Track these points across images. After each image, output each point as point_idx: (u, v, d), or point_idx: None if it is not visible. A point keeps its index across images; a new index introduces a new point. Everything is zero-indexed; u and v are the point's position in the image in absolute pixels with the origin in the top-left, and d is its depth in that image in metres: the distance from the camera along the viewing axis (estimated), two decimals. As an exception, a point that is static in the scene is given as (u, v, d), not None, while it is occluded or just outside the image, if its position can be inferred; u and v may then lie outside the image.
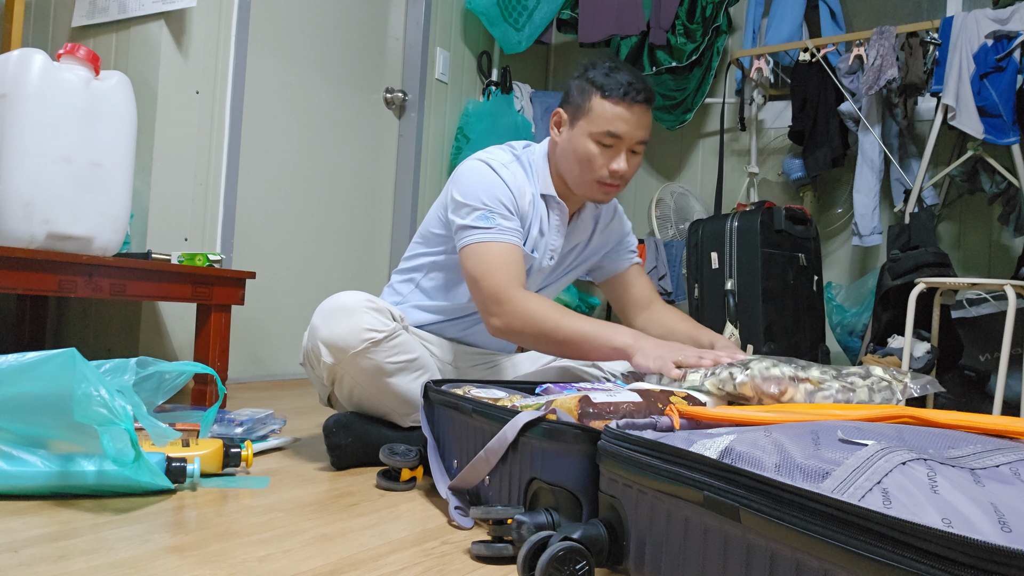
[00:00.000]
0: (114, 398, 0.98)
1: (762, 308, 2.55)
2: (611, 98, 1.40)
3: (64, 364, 0.99)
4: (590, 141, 1.43)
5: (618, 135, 1.41)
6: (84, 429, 1.01)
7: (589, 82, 1.43)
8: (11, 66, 1.62)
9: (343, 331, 1.30)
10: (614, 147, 1.43)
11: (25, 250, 1.59)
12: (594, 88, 1.41)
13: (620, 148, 1.43)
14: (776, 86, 3.44)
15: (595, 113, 1.41)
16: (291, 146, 2.85)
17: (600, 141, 1.42)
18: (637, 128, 1.42)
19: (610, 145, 1.42)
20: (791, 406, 1.02)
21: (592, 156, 1.43)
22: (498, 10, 3.39)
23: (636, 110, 1.41)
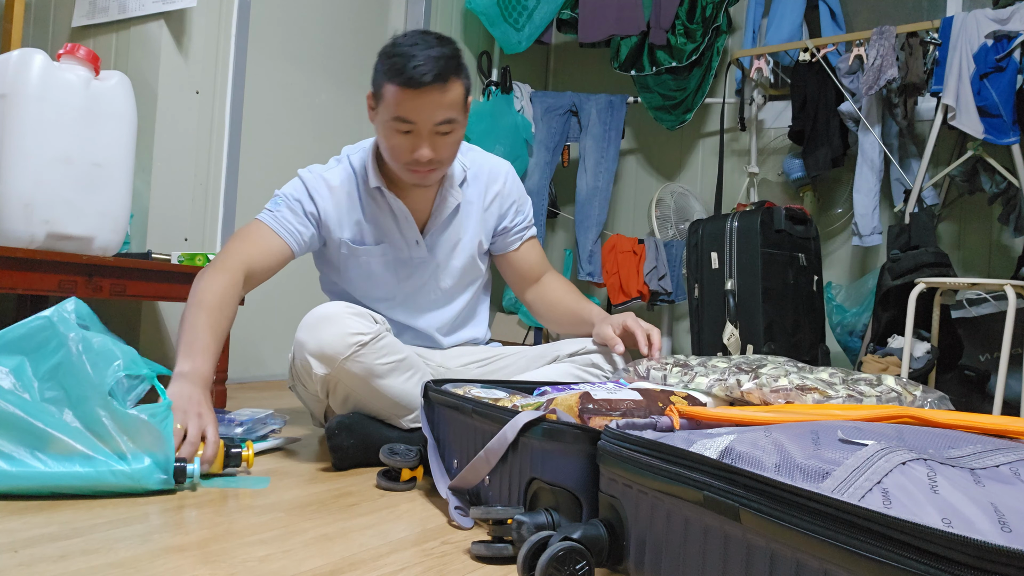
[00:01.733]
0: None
1: (762, 308, 2.55)
2: (397, 83, 1.32)
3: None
4: (390, 128, 1.38)
5: (410, 120, 1.35)
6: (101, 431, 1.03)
7: (382, 63, 1.36)
8: (11, 66, 1.62)
9: (330, 339, 1.31)
10: (413, 132, 1.36)
11: (25, 250, 1.59)
12: (384, 71, 1.35)
13: (419, 133, 1.36)
14: (776, 86, 3.44)
15: (386, 99, 1.35)
16: (291, 146, 2.85)
17: (396, 128, 1.37)
18: (431, 112, 1.34)
19: (407, 131, 1.37)
20: (792, 406, 1.02)
21: (394, 144, 1.39)
22: (498, 10, 3.39)
23: (426, 93, 1.32)
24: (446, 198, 1.55)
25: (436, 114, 1.35)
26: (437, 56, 1.32)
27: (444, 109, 1.35)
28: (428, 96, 1.32)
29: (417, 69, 1.30)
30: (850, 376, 1.14)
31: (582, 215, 3.50)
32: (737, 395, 1.13)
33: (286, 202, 1.50)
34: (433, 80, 1.31)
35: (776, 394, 1.07)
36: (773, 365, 1.18)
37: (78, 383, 1.06)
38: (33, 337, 1.10)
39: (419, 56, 1.31)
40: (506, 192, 1.63)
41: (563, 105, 3.57)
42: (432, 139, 1.37)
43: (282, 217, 1.48)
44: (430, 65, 1.30)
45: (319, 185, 1.52)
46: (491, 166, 1.63)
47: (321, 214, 1.51)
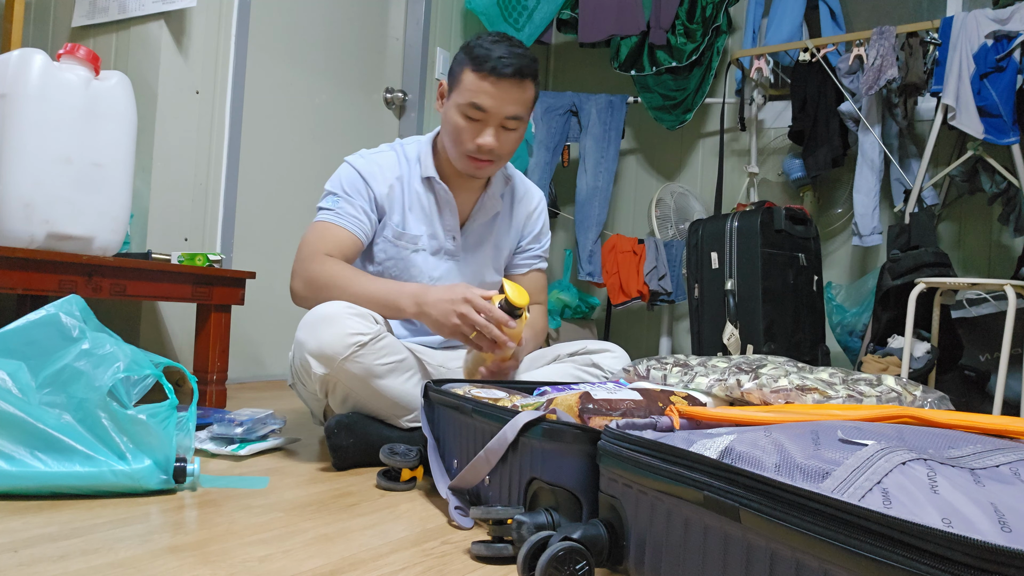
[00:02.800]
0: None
1: (762, 308, 2.55)
2: (479, 71, 1.40)
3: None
4: (458, 114, 1.45)
5: (483, 108, 1.42)
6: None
7: (465, 53, 1.44)
8: (11, 66, 1.62)
9: (329, 339, 1.31)
10: (481, 121, 1.44)
11: (25, 250, 1.59)
12: (467, 60, 1.42)
13: (487, 123, 1.44)
14: (776, 86, 3.44)
15: (463, 85, 1.43)
16: (291, 146, 2.85)
17: (467, 114, 1.43)
18: (504, 103, 1.42)
19: (477, 119, 1.43)
20: (792, 406, 1.02)
21: (460, 129, 1.46)
22: (498, 10, 3.39)
23: (504, 84, 1.40)
24: (487, 203, 1.61)
25: (508, 107, 1.42)
26: (520, 54, 1.41)
27: (516, 104, 1.43)
28: (505, 88, 1.41)
29: (501, 60, 1.39)
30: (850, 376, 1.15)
31: (582, 215, 3.50)
32: (737, 395, 1.13)
33: (343, 196, 1.53)
34: (513, 74, 1.40)
35: (776, 394, 1.07)
36: (773, 365, 1.18)
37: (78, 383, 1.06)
38: (35, 332, 1.10)
39: (505, 51, 1.40)
40: (535, 217, 1.71)
41: (563, 105, 3.57)
42: (498, 130, 1.45)
43: (345, 213, 1.51)
44: (514, 60, 1.40)
45: (373, 169, 1.56)
46: (528, 188, 1.72)
47: (378, 197, 1.55)
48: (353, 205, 1.52)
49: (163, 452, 1.09)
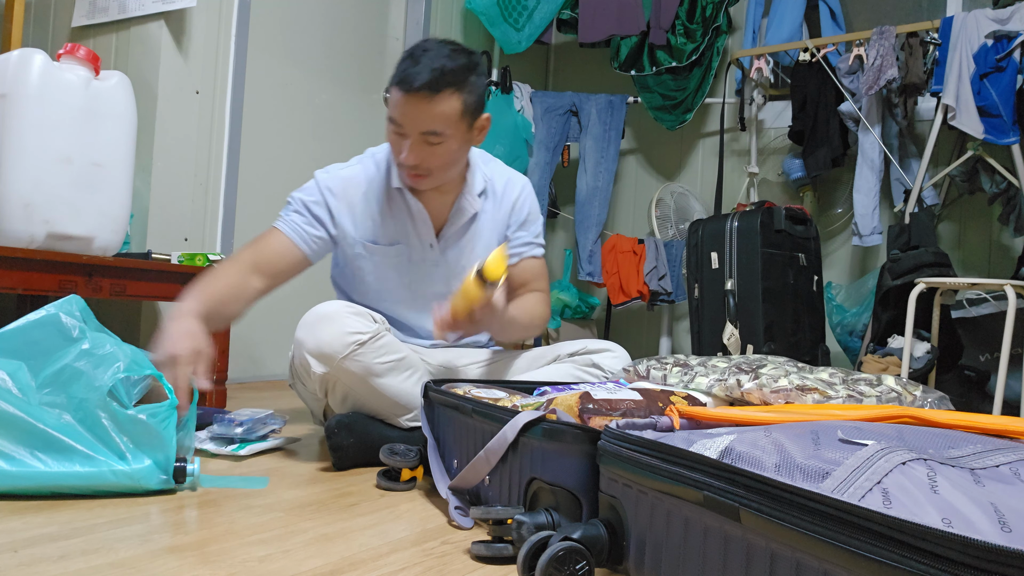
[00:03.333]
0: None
1: (762, 308, 2.55)
2: (394, 83, 1.35)
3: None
4: (388, 124, 1.40)
5: (398, 123, 1.37)
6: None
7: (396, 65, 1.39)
8: (11, 66, 1.62)
9: (328, 338, 1.31)
10: (402, 135, 1.38)
11: (25, 250, 1.59)
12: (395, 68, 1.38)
13: (406, 137, 1.37)
14: (776, 86, 3.44)
15: (390, 97, 1.38)
16: (291, 146, 2.85)
17: (390, 127, 1.39)
18: (416, 119, 1.34)
19: (399, 133, 1.38)
20: (792, 406, 1.02)
21: (390, 141, 1.42)
22: (498, 10, 3.39)
23: (413, 99, 1.33)
24: (463, 206, 1.55)
25: (420, 122, 1.35)
26: (438, 66, 1.32)
27: (429, 119, 1.34)
28: (415, 102, 1.33)
29: (410, 73, 1.32)
30: (850, 376, 1.15)
31: (582, 215, 3.50)
32: (737, 395, 1.13)
33: (295, 206, 1.51)
34: (420, 87, 1.31)
35: (776, 394, 1.07)
36: (773, 365, 1.18)
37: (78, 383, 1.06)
38: (35, 332, 1.10)
39: (422, 61, 1.32)
40: (519, 205, 1.64)
41: (563, 105, 3.57)
42: (419, 146, 1.37)
43: (292, 222, 1.50)
44: (425, 73, 1.31)
45: (335, 184, 1.53)
46: (509, 178, 1.65)
47: (335, 214, 1.52)
48: (305, 218, 1.50)
49: (163, 452, 1.09)
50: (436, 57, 1.33)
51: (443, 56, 1.34)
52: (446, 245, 1.57)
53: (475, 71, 1.39)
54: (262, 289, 1.45)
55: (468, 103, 1.38)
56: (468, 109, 1.38)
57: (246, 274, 1.42)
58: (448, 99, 1.34)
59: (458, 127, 1.38)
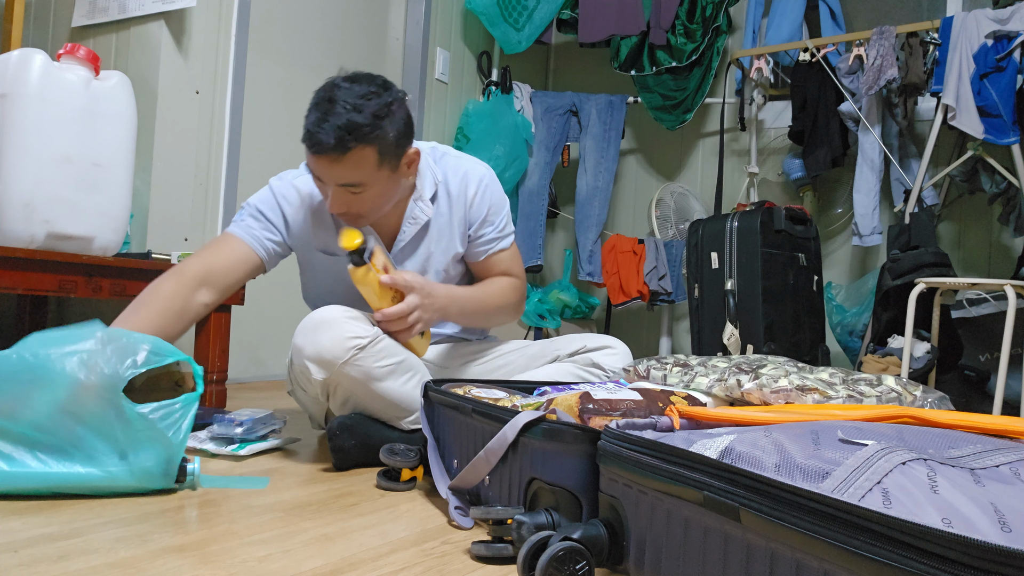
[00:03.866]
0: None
1: (762, 308, 2.55)
2: (303, 140, 1.30)
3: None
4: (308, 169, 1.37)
5: (316, 175, 1.35)
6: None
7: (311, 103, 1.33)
8: (11, 66, 1.62)
9: (328, 343, 1.30)
10: (324, 184, 1.35)
11: (25, 250, 1.59)
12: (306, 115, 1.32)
13: (327, 186, 1.34)
14: (776, 86, 3.44)
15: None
16: (291, 146, 2.84)
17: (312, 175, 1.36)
18: (331, 176, 1.31)
19: (321, 182, 1.35)
20: (792, 406, 1.02)
21: (316, 184, 1.39)
22: (498, 10, 3.39)
23: (323, 160, 1.29)
24: (414, 214, 1.51)
25: (336, 177, 1.32)
26: (344, 124, 1.26)
27: (344, 175, 1.31)
28: (324, 162, 1.30)
29: (316, 135, 1.27)
30: (850, 376, 1.15)
31: (582, 215, 3.50)
32: (737, 395, 1.13)
33: (250, 211, 1.49)
34: (328, 151, 1.27)
35: (776, 394, 1.07)
36: (773, 365, 1.18)
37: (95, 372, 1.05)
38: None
39: (328, 119, 1.27)
40: (477, 201, 1.55)
41: (563, 105, 3.57)
42: (342, 195, 1.34)
43: (246, 226, 1.47)
44: (332, 134, 1.26)
45: (289, 193, 1.50)
46: (465, 172, 1.56)
47: (290, 222, 1.49)
48: (261, 223, 1.48)
49: (164, 452, 1.09)
50: (343, 111, 1.27)
51: (349, 108, 1.27)
52: (403, 256, 1.53)
53: (387, 116, 1.31)
54: (210, 303, 1.42)
55: (384, 150, 1.32)
56: (386, 156, 1.33)
57: (191, 290, 1.38)
58: (359, 154, 1.29)
59: (377, 175, 1.34)
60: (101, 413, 1.04)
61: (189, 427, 1.12)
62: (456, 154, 1.60)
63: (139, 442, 1.07)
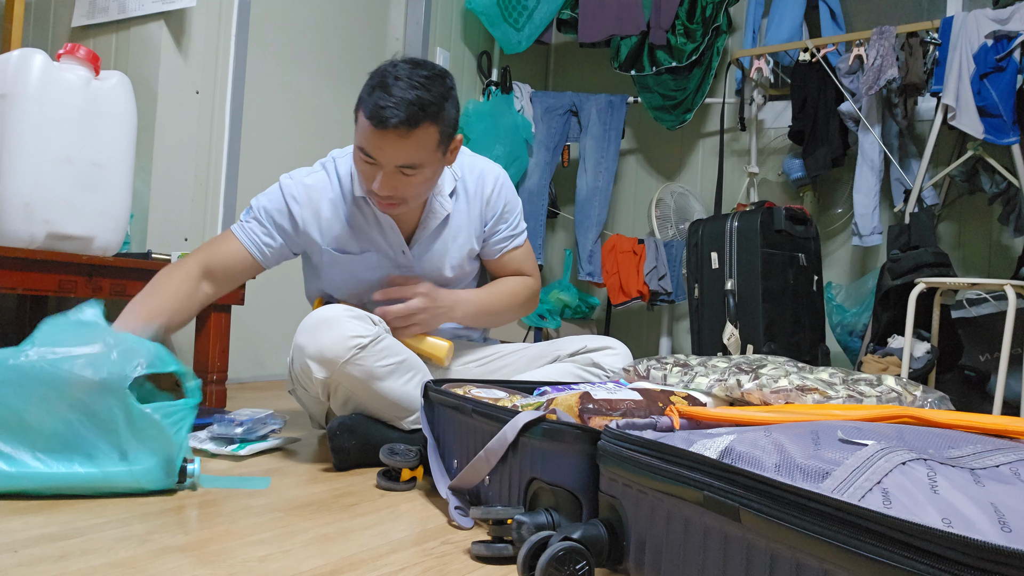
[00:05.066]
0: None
1: (762, 308, 2.55)
2: (365, 114, 1.29)
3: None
4: (357, 154, 1.35)
5: (371, 156, 1.32)
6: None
7: (367, 84, 1.32)
8: (11, 66, 1.62)
9: (329, 342, 1.30)
10: (375, 166, 1.33)
11: (25, 250, 1.59)
12: (363, 96, 1.31)
13: (380, 168, 1.32)
14: (776, 86, 3.44)
15: (359, 125, 1.32)
16: (291, 146, 2.85)
17: (361, 157, 1.34)
18: (392, 154, 1.30)
19: (371, 163, 1.33)
20: (792, 406, 1.02)
21: (360, 169, 1.37)
22: (498, 10, 3.39)
23: (390, 136, 1.27)
24: (434, 208, 1.51)
25: (397, 157, 1.30)
26: (412, 100, 1.26)
27: (407, 153, 1.30)
28: (391, 139, 1.28)
29: (386, 110, 1.25)
30: (850, 376, 1.15)
31: (582, 215, 3.50)
32: (737, 395, 1.13)
33: (255, 213, 1.49)
34: (398, 124, 1.26)
35: (776, 394, 1.07)
36: (773, 365, 1.18)
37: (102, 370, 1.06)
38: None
39: (395, 95, 1.26)
40: (494, 199, 1.58)
41: (563, 105, 3.57)
42: (394, 177, 1.33)
43: (249, 229, 1.48)
44: (401, 108, 1.25)
45: (299, 192, 1.49)
46: (481, 171, 1.58)
47: (299, 222, 1.49)
48: (264, 227, 1.47)
49: (168, 452, 1.09)
50: (409, 87, 1.27)
51: (418, 86, 1.27)
52: (420, 251, 1.54)
53: (450, 97, 1.33)
54: (212, 295, 1.46)
55: (444, 131, 1.33)
56: (444, 138, 1.34)
57: (195, 281, 1.42)
58: (425, 132, 1.30)
59: (434, 156, 1.34)
60: (107, 411, 1.05)
61: (188, 431, 1.12)
62: (469, 152, 1.61)
63: (141, 442, 1.07)
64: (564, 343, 1.60)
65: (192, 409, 1.12)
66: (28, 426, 1.03)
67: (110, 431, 1.05)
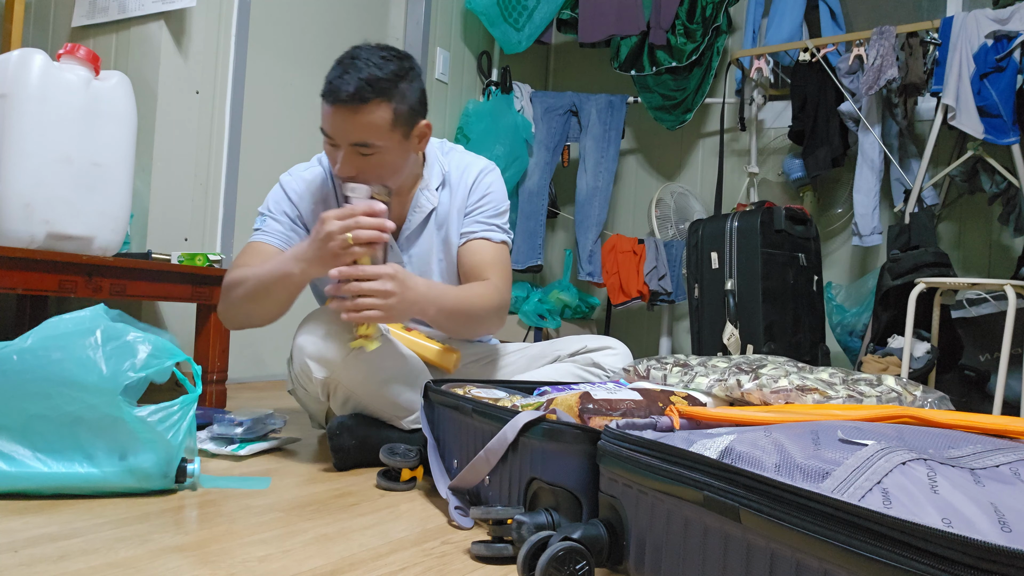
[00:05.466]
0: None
1: (762, 308, 2.55)
2: (322, 94, 1.31)
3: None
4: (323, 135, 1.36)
5: (328, 134, 1.33)
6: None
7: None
8: (11, 66, 1.62)
9: (329, 341, 1.30)
10: (336, 147, 1.33)
11: (25, 250, 1.59)
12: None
13: (337, 148, 1.33)
14: (776, 86, 3.44)
15: (321, 107, 1.33)
16: (291, 146, 2.85)
17: (324, 139, 1.35)
18: (345, 130, 1.30)
19: (332, 144, 1.34)
20: (792, 406, 1.02)
21: (327, 152, 1.38)
22: (498, 10, 3.39)
23: (341, 111, 1.28)
24: (420, 202, 1.51)
25: (348, 133, 1.30)
26: (366, 77, 1.26)
27: (357, 130, 1.29)
28: (343, 114, 1.29)
29: (336, 83, 1.27)
30: (850, 376, 1.14)
31: (582, 215, 3.50)
32: (737, 395, 1.13)
33: (270, 215, 1.49)
34: (348, 100, 1.26)
35: (776, 394, 1.07)
36: (773, 365, 1.18)
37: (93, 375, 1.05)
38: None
39: (350, 72, 1.27)
40: (475, 186, 1.55)
41: (563, 105, 3.57)
42: (353, 157, 1.32)
43: (272, 230, 1.48)
44: (352, 84, 1.26)
45: (298, 186, 1.51)
46: (468, 164, 1.57)
47: (303, 214, 1.50)
48: (280, 222, 1.48)
49: (166, 453, 1.09)
50: (364, 66, 1.28)
51: (371, 65, 1.28)
52: (408, 243, 1.54)
53: (406, 78, 1.32)
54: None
55: (399, 112, 1.32)
56: (400, 118, 1.33)
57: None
58: (376, 109, 1.29)
59: (391, 137, 1.33)
60: (100, 415, 1.04)
61: (191, 427, 1.12)
62: (463, 150, 1.62)
63: (138, 443, 1.07)
64: (564, 343, 1.60)
65: (191, 403, 1.11)
66: (28, 426, 1.03)
67: (110, 431, 1.05)
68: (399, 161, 1.39)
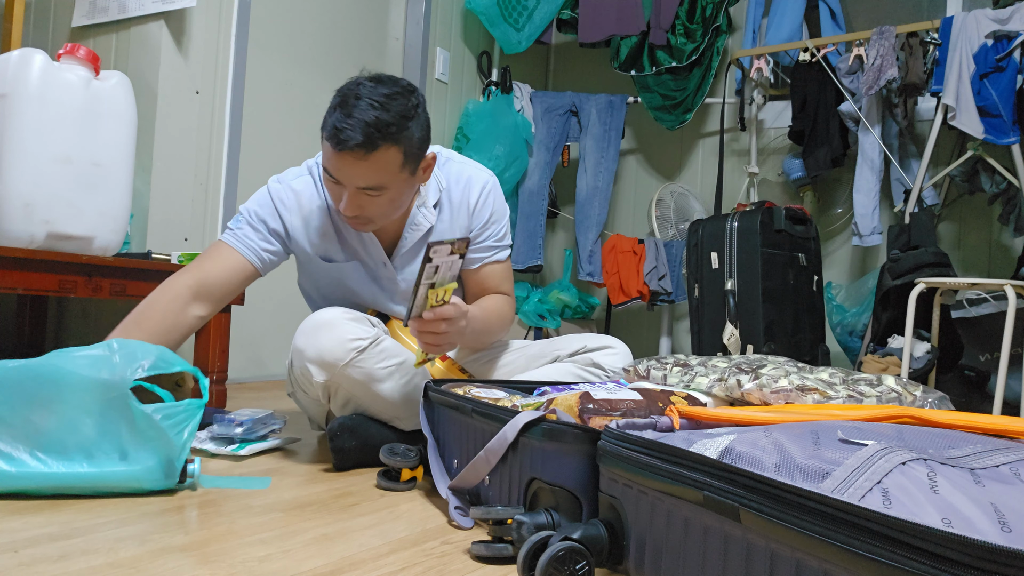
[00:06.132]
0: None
1: (762, 308, 2.55)
2: (326, 138, 1.27)
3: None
4: (324, 172, 1.32)
5: (333, 176, 1.30)
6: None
7: (332, 102, 1.29)
8: (11, 66, 1.62)
9: (329, 345, 1.30)
10: (339, 186, 1.30)
11: (25, 250, 1.60)
12: (327, 114, 1.28)
13: (343, 189, 1.30)
14: (776, 86, 3.44)
15: (323, 146, 1.30)
16: (291, 146, 2.85)
17: (326, 177, 1.32)
18: (352, 176, 1.27)
19: (335, 182, 1.30)
20: (792, 406, 1.02)
21: (328, 187, 1.35)
22: (498, 10, 3.39)
23: (347, 158, 1.25)
24: (416, 220, 1.48)
25: (357, 178, 1.28)
26: (369, 121, 1.23)
27: (367, 175, 1.27)
28: (349, 160, 1.25)
29: (343, 132, 1.23)
30: (850, 376, 1.14)
31: (582, 215, 3.50)
32: (737, 395, 1.13)
33: (247, 219, 1.45)
34: (355, 147, 1.23)
35: (776, 394, 1.07)
36: (773, 365, 1.18)
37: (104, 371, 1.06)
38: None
39: (354, 116, 1.23)
40: (479, 208, 1.52)
41: (563, 105, 3.57)
42: (358, 197, 1.30)
43: (243, 235, 1.43)
44: (357, 130, 1.22)
45: (288, 197, 1.46)
46: (468, 179, 1.52)
47: (288, 227, 1.46)
48: (256, 229, 1.43)
49: (168, 453, 1.09)
50: (368, 108, 1.23)
51: (376, 106, 1.24)
52: (402, 263, 1.51)
53: (414, 116, 1.29)
54: (204, 316, 1.40)
55: (408, 152, 1.29)
56: (409, 158, 1.30)
57: (184, 304, 1.36)
58: (385, 154, 1.26)
59: (398, 177, 1.31)
60: (107, 410, 1.05)
61: (193, 431, 1.12)
62: (459, 159, 1.56)
63: (142, 442, 1.07)
64: (564, 342, 1.59)
65: (197, 409, 1.12)
66: (29, 426, 1.03)
67: (110, 431, 1.05)
68: (404, 197, 1.37)
